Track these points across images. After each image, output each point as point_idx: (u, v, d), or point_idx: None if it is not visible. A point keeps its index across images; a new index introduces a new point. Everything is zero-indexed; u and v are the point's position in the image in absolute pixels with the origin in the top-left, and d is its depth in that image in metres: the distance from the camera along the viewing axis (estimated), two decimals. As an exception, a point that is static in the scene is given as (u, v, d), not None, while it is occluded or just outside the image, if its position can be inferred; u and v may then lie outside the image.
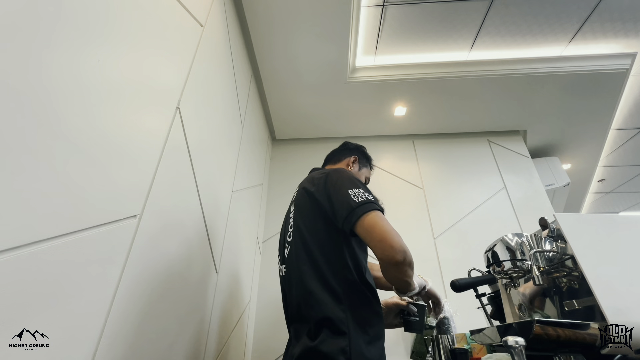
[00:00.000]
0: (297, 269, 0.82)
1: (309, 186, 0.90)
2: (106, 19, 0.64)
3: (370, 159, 1.24)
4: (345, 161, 1.16)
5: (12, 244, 0.43)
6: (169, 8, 0.90)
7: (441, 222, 2.19)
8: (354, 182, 0.83)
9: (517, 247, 0.98)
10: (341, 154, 1.19)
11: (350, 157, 1.16)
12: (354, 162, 1.15)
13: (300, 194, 0.94)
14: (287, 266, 0.88)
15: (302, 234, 0.85)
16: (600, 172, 3.06)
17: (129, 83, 0.70)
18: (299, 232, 0.86)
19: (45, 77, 0.50)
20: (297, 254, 0.84)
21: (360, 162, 1.17)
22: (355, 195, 0.78)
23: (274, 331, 1.84)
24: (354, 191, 0.79)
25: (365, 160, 1.20)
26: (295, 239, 0.87)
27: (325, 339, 0.68)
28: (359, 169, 1.16)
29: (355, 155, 1.17)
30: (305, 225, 0.85)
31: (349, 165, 1.14)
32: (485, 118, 2.47)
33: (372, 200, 0.78)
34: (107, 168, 0.62)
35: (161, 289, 0.80)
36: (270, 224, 2.24)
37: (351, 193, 0.78)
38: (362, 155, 1.20)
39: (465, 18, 1.80)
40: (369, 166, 1.22)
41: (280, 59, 1.91)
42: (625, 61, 2.02)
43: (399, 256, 0.69)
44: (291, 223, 0.92)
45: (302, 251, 0.82)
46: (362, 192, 0.79)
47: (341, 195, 0.79)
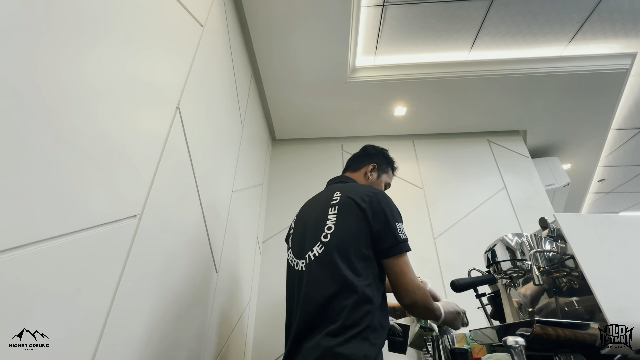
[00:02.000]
0: (329, 269, 0.83)
1: (358, 199, 0.90)
2: (106, 19, 0.64)
3: (392, 162, 1.21)
4: (363, 170, 1.13)
5: (12, 244, 0.43)
6: (169, 8, 0.90)
7: (441, 222, 2.19)
8: (399, 214, 0.90)
9: (517, 247, 0.98)
10: (360, 161, 1.16)
11: (368, 165, 1.13)
12: (372, 170, 1.13)
13: (346, 202, 0.93)
14: (312, 264, 0.87)
15: (343, 240, 0.86)
16: (600, 172, 3.06)
17: (129, 83, 0.70)
18: (339, 237, 0.87)
19: (44, 77, 0.50)
20: (331, 256, 0.84)
21: (380, 168, 1.14)
22: (401, 230, 0.86)
23: (274, 331, 1.84)
24: (399, 225, 0.86)
25: (386, 166, 1.17)
26: (331, 241, 0.87)
27: (349, 342, 0.71)
28: (378, 176, 1.13)
29: (374, 163, 1.14)
30: (348, 234, 0.87)
31: (367, 175, 1.12)
32: (485, 118, 2.47)
33: (407, 238, 0.86)
34: (107, 168, 0.62)
35: (161, 289, 0.80)
36: (270, 224, 2.24)
37: (398, 227, 0.86)
38: (382, 161, 1.17)
39: (465, 18, 1.80)
40: (391, 171, 1.19)
41: (280, 59, 1.91)
42: (625, 61, 2.02)
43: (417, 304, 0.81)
44: (329, 225, 0.90)
45: (337, 255, 0.84)
46: (403, 227, 0.87)
47: (392, 223, 0.86)
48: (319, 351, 0.70)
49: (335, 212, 0.92)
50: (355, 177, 1.12)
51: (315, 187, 2.36)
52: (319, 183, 2.40)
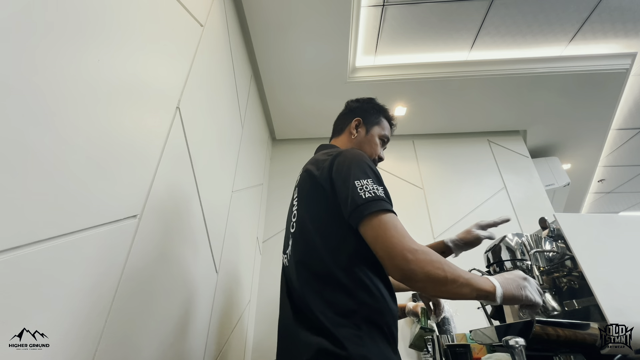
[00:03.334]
0: (301, 263, 0.71)
1: (313, 169, 0.77)
2: (106, 19, 0.64)
3: (382, 110, 1.00)
4: (347, 129, 0.96)
5: (12, 244, 0.43)
6: (169, 8, 0.90)
7: (441, 222, 2.19)
8: (362, 169, 0.69)
9: (517, 247, 0.98)
10: (343, 120, 0.99)
11: (352, 122, 0.96)
12: (357, 126, 0.95)
13: (302, 178, 0.80)
14: (290, 259, 0.77)
15: (306, 225, 0.73)
16: (600, 172, 3.06)
17: (129, 83, 0.70)
18: (302, 223, 0.75)
19: (45, 77, 0.50)
20: (299, 248, 0.73)
21: (367, 121, 0.96)
22: (363, 188, 0.65)
23: (274, 331, 1.83)
24: (361, 182, 0.66)
25: (374, 117, 0.97)
26: (296, 233, 0.75)
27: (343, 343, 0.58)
28: (367, 131, 0.95)
29: (357, 118, 0.96)
30: (309, 216, 0.74)
31: (352, 133, 0.94)
32: (485, 118, 2.47)
33: (381, 196, 0.64)
34: (107, 168, 0.62)
35: (161, 289, 0.80)
36: (270, 224, 2.24)
37: (358, 185, 0.65)
38: (369, 112, 0.97)
39: (465, 18, 1.80)
40: (383, 120, 0.98)
41: (280, 59, 1.91)
42: (625, 61, 2.02)
43: (414, 274, 0.56)
44: (294, 212, 0.79)
45: (304, 245, 0.72)
46: (371, 184, 0.66)
47: (345, 186, 0.67)
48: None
49: (297, 195, 0.80)
50: (340, 141, 0.97)
51: (315, 187, 2.37)
52: (319, 183, 2.41)
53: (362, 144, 0.93)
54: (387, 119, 0.99)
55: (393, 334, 0.64)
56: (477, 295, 0.58)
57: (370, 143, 0.93)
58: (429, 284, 0.57)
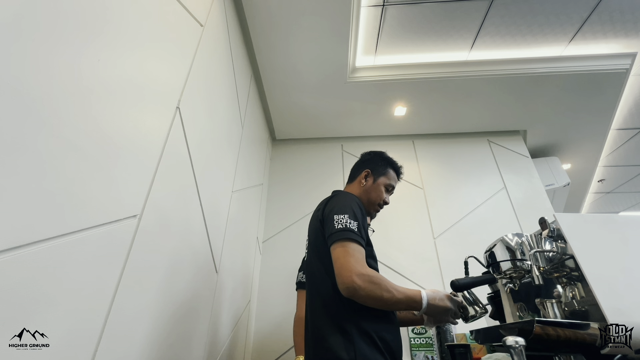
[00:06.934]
0: (311, 288, 0.91)
1: (318, 211, 0.97)
2: (106, 19, 0.64)
3: (392, 162, 1.15)
4: (358, 179, 1.11)
5: (12, 244, 0.43)
6: (169, 8, 0.90)
7: (441, 222, 2.19)
8: (344, 207, 0.87)
9: (517, 247, 0.98)
10: (355, 169, 1.15)
11: (362, 173, 1.11)
12: (366, 176, 1.10)
13: (312, 218, 1.02)
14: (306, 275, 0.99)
15: (310, 261, 0.94)
16: (600, 172, 3.06)
17: (129, 83, 0.70)
18: (309, 259, 0.96)
19: (45, 77, 0.50)
20: (310, 273, 0.94)
21: (375, 172, 1.10)
22: (338, 221, 0.83)
23: (274, 331, 1.84)
24: (338, 217, 0.84)
25: (382, 168, 1.11)
26: (307, 267, 0.97)
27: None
28: (374, 180, 1.09)
29: (367, 169, 1.11)
30: (313, 248, 0.94)
31: (361, 182, 1.09)
32: (485, 118, 2.47)
33: (351, 229, 0.81)
34: (107, 168, 0.62)
35: (161, 289, 0.80)
36: (270, 224, 2.24)
37: (336, 218, 0.83)
38: (377, 164, 1.12)
39: (465, 18, 1.80)
40: (390, 171, 1.13)
41: (280, 59, 1.91)
42: (625, 61, 2.02)
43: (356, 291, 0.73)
44: (306, 243, 1.04)
45: (311, 273, 0.92)
46: (346, 218, 0.83)
47: (329, 219, 0.86)
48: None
49: (308, 235, 1.01)
50: (351, 187, 1.12)
51: (315, 187, 2.37)
52: (319, 183, 2.41)
53: (369, 191, 1.08)
54: (395, 170, 1.15)
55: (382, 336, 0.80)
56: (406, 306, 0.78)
57: (377, 190, 1.08)
58: (369, 300, 0.75)
